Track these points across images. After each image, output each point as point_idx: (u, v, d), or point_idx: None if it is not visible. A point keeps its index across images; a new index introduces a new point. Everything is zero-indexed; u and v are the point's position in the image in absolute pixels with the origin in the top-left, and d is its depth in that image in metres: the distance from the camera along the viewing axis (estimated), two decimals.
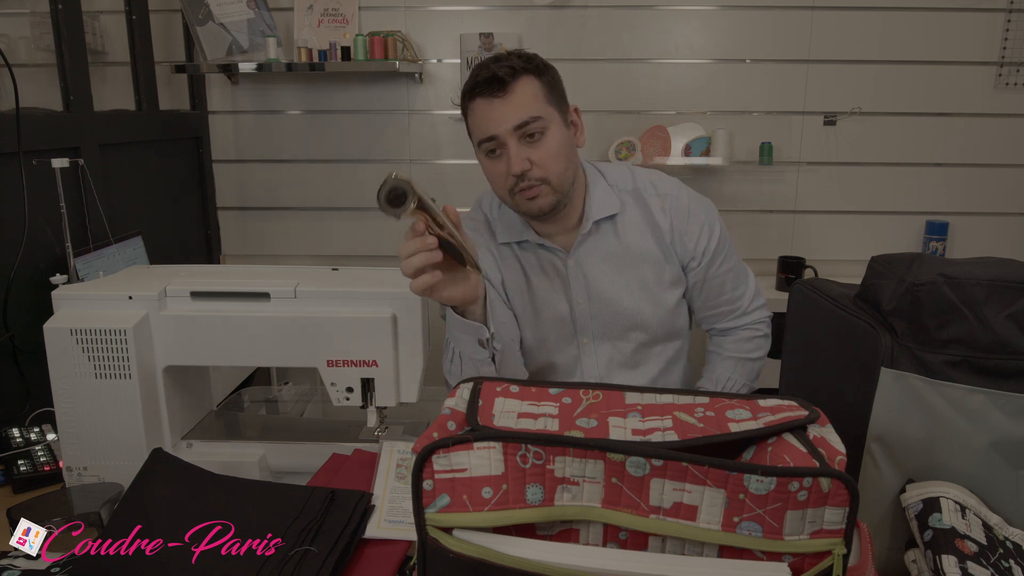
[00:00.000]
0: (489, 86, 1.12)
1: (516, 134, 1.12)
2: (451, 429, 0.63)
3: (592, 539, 0.59)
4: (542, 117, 1.13)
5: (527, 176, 1.13)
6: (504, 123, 1.12)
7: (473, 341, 1.05)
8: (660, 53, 2.42)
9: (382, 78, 2.47)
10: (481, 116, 1.14)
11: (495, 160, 1.16)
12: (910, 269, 0.79)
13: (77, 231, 1.65)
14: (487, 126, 1.13)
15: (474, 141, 1.19)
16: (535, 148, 1.13)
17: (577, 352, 1.29)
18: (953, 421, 0.74)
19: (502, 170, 1.15)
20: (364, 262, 2.57)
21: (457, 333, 1.06)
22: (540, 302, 1.27)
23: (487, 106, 1.13)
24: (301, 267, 1.09)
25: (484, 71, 1.13)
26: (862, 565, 0.60)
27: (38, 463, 1.07)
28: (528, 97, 1.13)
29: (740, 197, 2.53)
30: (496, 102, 1.12)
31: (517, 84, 1.12)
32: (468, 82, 1.15)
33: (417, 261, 0.87)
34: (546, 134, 1.14)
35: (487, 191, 1.32)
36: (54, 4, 1.68)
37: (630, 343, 1.28)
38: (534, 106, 1.13)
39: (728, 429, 0.59)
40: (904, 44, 2.38)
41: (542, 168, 1.13)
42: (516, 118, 1.11)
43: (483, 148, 1.16)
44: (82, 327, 0.95)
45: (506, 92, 1.12)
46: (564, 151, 1.16)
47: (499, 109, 1.12)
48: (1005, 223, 2.52)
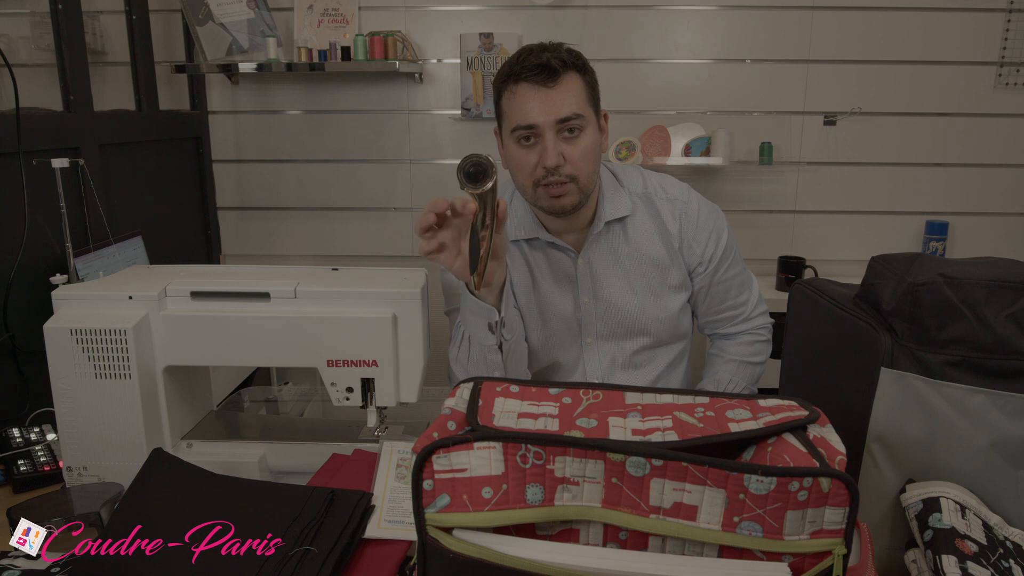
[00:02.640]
0: (539, 73, 1.11)
1: (556, 127, 1.12)
2: (451, 429, 0.63)
3: (592, 539, 0.59)
4: (583, 116, 1.13)
5: (558, 171, 1.13)
6: (549, 114, 1.11)
7: (483, 324, 1.05)
8: (660, 53, 2.42)
9: (382, 78, 2.47)
10: (523, 102, 1.12)
11: (526, 149, 1.14)
12: (910, 269, 0.78)
13: (77, 231, 1.65)
14: (529, 114, 1.12)
15: (507, 126, 1.16)
16: (571, 145, 1.13)
17: (580, 352, 1.29)
18: (953, 421, 0.74)
19: (532, 160, 1.14)
20: (364, 262, 2.57)
21: (468, 315, 1.06)
22: (545, 301, 1.27)
23: (532, 93, 1.11)
24: (301, 267, 1.09)
25: (533, 57, 1.11)
26: (862, 565, 0.60)
27: (38, 463, 1.07)
28: (574, 93, 1.13)
29: (740, 197, 2.53)
30: (544, 91, 1.11)
31: (566, 78, 1.12)
32: (512, 64, 1.13)
33: (424, 221, 0.94)
34: (583, 133, 1.14)
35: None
36: (54, 4, 1.68)
37: (633, 344, 1.28)
38: (578, 103, 1.12)
39: (728, 429, 0.59)
40: (904, 44, 2.38)
41: (574, 166, 1.13)
42: (561, 111, 1.11)
43: (516, 135, 1.14)
44: (82, 327, 0.95)
45: (556, 83, 1.11)
46: (595, 153, 1.17)
47: (545, 99, 1.11)
48: (1005, 223, 2.51)
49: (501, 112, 1.18)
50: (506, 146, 1.19)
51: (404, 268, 1.08)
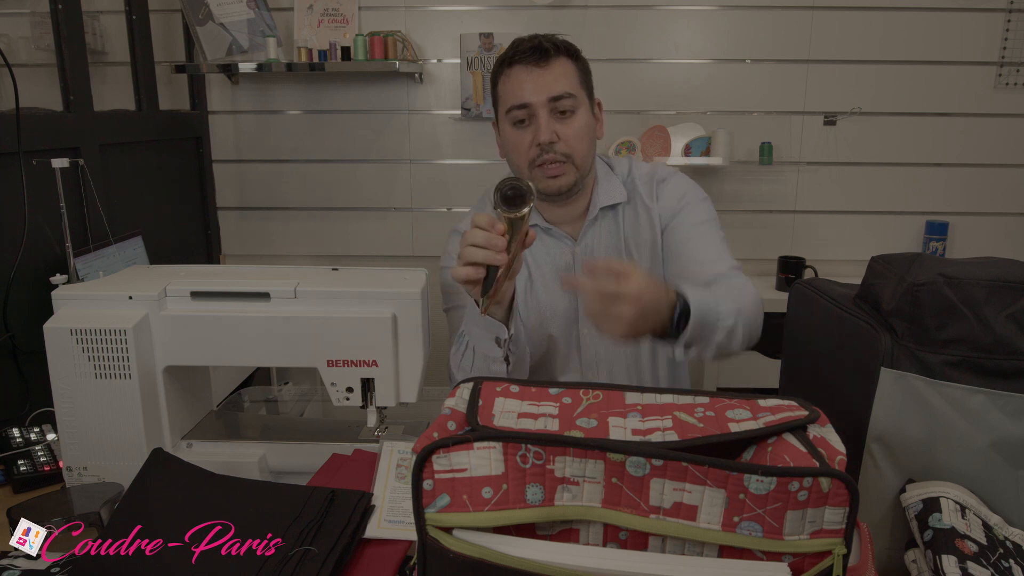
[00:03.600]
0: (532, 54, 1.15)
1: (549, 106, 1.15)
2: (451, 429, 0.63)
3: (592, 539, 0.59)
4: (575, 96, 1.16)
5: (552, 149, 1.15)
6: (541, 93, 1.14)
7: (490, 338, 1.05)
8: (660, 53, 2.42)
9: (382, 78, 2.47)
10: (517, 83, 1.16)
11: (521, 130, 1.18)
12: (910, 269, 0.79)
13: (77, 231, 1.65)
14: (522, 93, 1.15)
15: (502, 109, 1.20)
16: (564, 124, 1.16)
17: (577, 342, 1.29)
18: (953, 421, 0.74)
19: (527, 140, 1.17)
20: (364, 262, 2.57)
21: (474, 327, 1.06)
22: (541, 291, 1.28)
23: (525, 73, 1.15)
24: (301, 267, 1.09)
25: (526, 42, 1.16)
26: (862, 565, 0.60)
27: (38, 463, 1.07)
28: (567, 74, 1.17)
29: (740, 197, 2.53)
30: (536, 71, 1.15)
31: (558, 60, 1.16)
32: (507, 52, 1.18)
33: (480, 256, 0.91)
34: (576, 113, 1.17)
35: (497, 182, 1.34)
36: (54, 4, 1.68)
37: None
38: (570, 84, 1.16)
39: (728, 429, 0.59)
40: (904, 44, 2.38)
41: (568, 144, 1.16)
42: (553, 90, 1.14)
43: (511, 116, 1.18)
44: (82, 327, 0.95)
45: (547, 64, 1.15)
46: (589, 134, 1.20)
47: (538, 78, 1.15)
48: (1005, 223, 2.52)
49: (497, 98, 1.22)
50: (502, 131, 1.22)
51: (404, 268, 1.08)
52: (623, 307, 0.88)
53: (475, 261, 0.92)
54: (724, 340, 1.04)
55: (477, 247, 0.92)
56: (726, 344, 1.04)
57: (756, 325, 1.11)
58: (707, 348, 1.03)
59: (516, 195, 0.90)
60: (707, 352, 1.04)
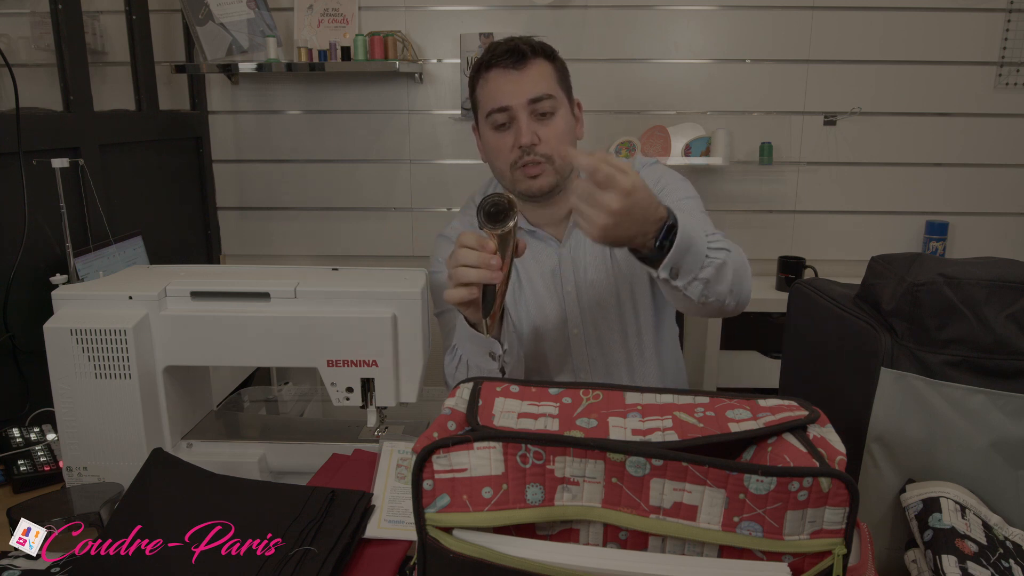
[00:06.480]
0: (509, 57, 1.14)
1: (528, 108, 1.15)
2: (451, 429, 0.63)
3: (592, 539, 0.59)
4: (554, 96, 1.16)
5: (533, 151, 1.15)
6: (519, 95, 1.14)
7: (483, 353, 1.05)
8: (660, 53, 2.42)
9: (382, 78, 2.47)
10: (495, 86, 1.16)
11: (502, 133, 1.18)
12: (910, 269, 0.79)
13: (77, 231, 1.65)
14: (500, 96, 1.15)
15: (482, 113, 1.20)
16: (544, 125, 1.16)
17: (567, 342, 1.29)
18: (953, 421, 0.74)
19: (508, 143, 1.17)
20: (364, 262, 2.57)
21: (467, 343, 1.06)
22: (530, 295, 1.28)
23: (503, 77, 1.15)
24: (301, 267, 1.09)
25: (502, 45, 1.16)
26: (862, 565, 0.60)
27: (38, 463, 1.07)
28: (544, 76, 1.16)
29: (740, 197, 2.53)
30: (513, 74, 1.15)
31: (535, 62, 1.16)
32: (484, 56, 1.18)
33: (475, 276, 0.90)
34: (556, 115, 1.17)
35: (480, 187, 1.34)
36: (54, 4, 1.68)
37: (618, 331, 1.28)
38: (548, 85, 1.16)
39: (728, 429, 0.59)
40: (904, 44, 2.38)
41: (548, 146, 1.16)
42: (531, 92, 1.14)
43: (491, 120, 1.17)
44: (82, 327, 0.95)
45: (525, 66, 1.15)
46: (569, 135, 1.20)
47: (516, 81, 1.15)
48: (1005, 223, 2.52)
49: (476, 102, 1.21)
50: (483, 135, 1.21)
51: (404, 268, 1.08)
52: (611, 197, 0.83)
53: (469, 281, 0.91)
54: (713, 277, 0.96)
55: (470, 267, 0.90)
56: (714, 284, 0.96)
57: (746, 280, 1.05)
58: (693, 282, 0.94)
59: (499, 211, 0.90)
60: (693, 288, 0.95)
